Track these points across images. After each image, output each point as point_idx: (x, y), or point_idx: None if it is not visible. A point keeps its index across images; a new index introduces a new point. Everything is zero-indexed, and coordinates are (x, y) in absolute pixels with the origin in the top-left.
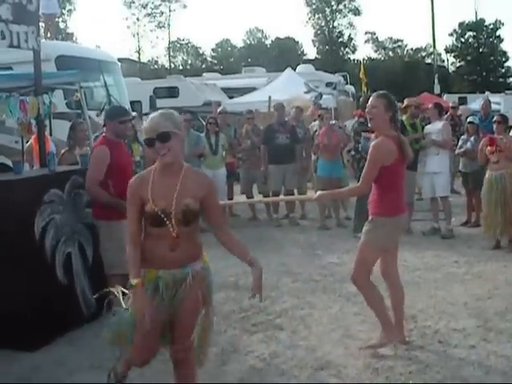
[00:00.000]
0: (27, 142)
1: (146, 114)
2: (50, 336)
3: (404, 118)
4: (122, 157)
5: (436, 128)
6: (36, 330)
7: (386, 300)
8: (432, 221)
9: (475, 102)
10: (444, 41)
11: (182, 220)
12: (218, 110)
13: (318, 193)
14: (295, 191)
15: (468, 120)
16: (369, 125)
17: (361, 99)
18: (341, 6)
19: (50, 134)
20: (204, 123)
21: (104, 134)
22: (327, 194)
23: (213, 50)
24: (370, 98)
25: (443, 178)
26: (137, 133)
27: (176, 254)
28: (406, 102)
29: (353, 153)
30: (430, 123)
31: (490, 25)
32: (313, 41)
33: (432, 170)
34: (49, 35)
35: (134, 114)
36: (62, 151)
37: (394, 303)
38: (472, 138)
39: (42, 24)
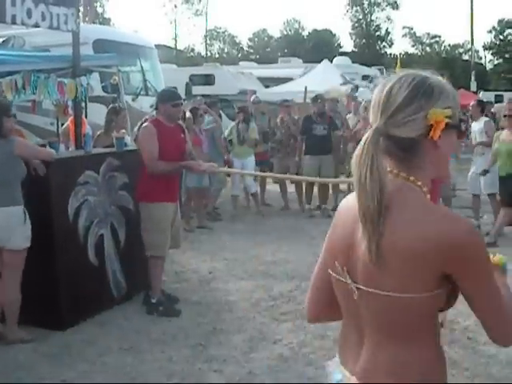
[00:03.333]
0: (62, 124)
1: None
2: (80, 316)
3: None
4: (171, 141)
5: (479, 127)
6: (66, 310)
7: None
8: (472, 218)
9: None
10: (482, 37)
11: None
12: (251, 98)
13: None
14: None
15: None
16: None
17: None
18: (379, 0)
19: (86, 117)
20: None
21: (156, 117)
22: None
23: (249, 39)
24: None
25: (490, 176)
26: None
27: None
28: None
29: None
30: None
31: None
32: (350, 33)
33: (479, 171)
34: (87, 19)
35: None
36: (98, 132)
37: None
38: None
39: (80, 8)
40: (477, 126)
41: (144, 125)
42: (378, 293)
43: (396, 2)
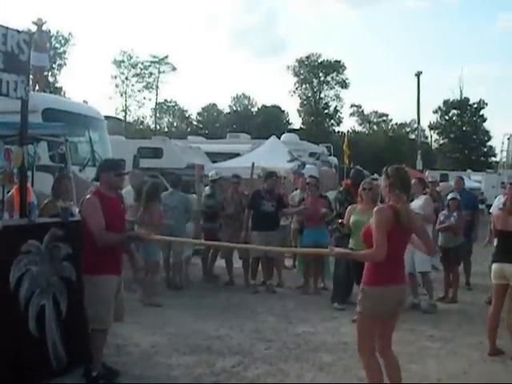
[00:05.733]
0: (8, 192)
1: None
2: None
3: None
4: (114, 212)
5: (418, 204)
6: (3, 382)
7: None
8: (410, 296)
9: None
10: (428, 117)
11: None
12: (210, 174)
13: (336, 249)
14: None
15: (450, 196)
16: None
17: (351, 172)
18: (328, 78)
19: (32, 186)
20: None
21: (97, 188)
22: (345, 252)
23: (199, 113)
24: None
25: (423, 254)
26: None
27: None
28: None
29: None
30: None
31: (474, 104)
32: (298, 111)
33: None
34: (37, 88)
35: None
36: (45, 201)
37: (387, 375)
38: (455, 214)
39: (31, 76)
40: (417, 203)
41: (87, 197)
42: None
43: (345, 81)
